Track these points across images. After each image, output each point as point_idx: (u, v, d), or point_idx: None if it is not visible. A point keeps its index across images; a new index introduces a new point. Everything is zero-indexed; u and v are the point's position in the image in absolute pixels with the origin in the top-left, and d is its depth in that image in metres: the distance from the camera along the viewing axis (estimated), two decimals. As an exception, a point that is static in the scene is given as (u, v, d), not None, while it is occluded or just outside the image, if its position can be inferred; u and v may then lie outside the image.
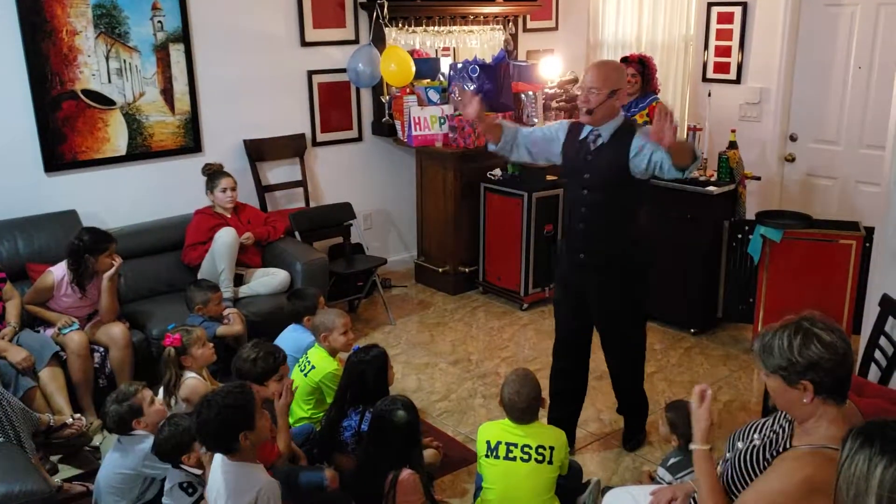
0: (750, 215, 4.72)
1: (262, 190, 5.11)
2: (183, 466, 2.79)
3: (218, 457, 2.56)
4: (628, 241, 3.26)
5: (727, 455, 2.20)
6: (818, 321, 1.93)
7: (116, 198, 4.54)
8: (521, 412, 2.91)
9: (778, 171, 5.51)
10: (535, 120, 5.57)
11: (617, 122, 3.16)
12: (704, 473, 2.11)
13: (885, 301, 3.30)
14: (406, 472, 2.80)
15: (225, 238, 4.26)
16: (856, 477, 1.58)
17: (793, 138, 5.46)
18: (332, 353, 3.52)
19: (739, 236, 4.59)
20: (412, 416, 2.91)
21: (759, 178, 5.04)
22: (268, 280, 4.42)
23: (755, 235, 4.38)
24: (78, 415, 3.47)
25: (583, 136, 3.21)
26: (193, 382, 3.30)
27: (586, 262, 3.27)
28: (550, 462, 2.88)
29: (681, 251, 4.65)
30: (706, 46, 5.80)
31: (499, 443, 2.90)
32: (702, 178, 4.62)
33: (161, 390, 3.28)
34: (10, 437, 2.87)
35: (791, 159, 5.47)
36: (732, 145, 4.69)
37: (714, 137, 5.14)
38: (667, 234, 4.64)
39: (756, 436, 2.14)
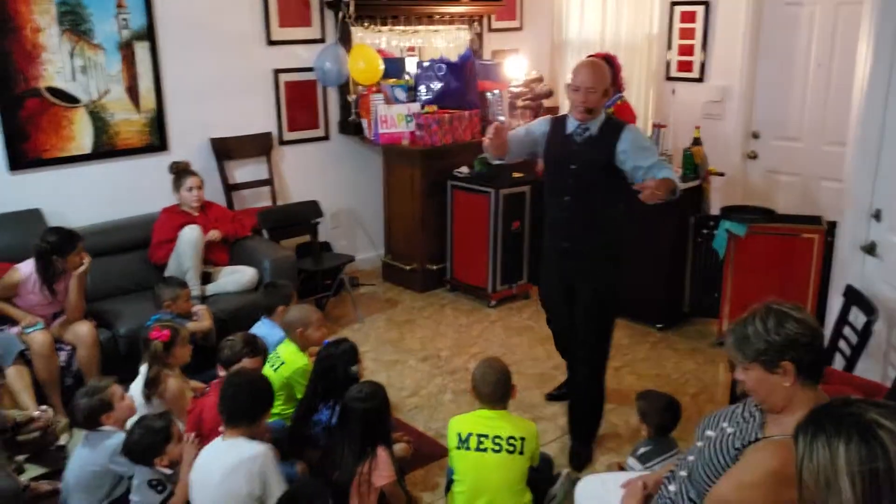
0: (714, 211, 4.80)
1: (229, 188, 5.08)
2: (155, 468, 2.76)
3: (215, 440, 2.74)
4: (611, 231, 3.34)
5: (698, 444, 2.22)
6: (784, 303, 1.97)
7: (82, 196, 4.47)
8: (492, 390, 2.94)
9: (741, 167, 5.61)
10: (501, 118, 5.61)
11: (602, 117, 3.26)
12: None
13: (849, 291, 3.38)
14: (380, 449, 2.81)
15: (189, 236, 4.23)
16: (821, 466, 1.54)
17: (755, 135, 5.56)
18: (304, 348, 3.52)
19: (704, 231, 4.67)
20: (380, 400, 2.93)
21: (723, 175, 5.13)
22: (236, 277, 4.40)
23: (720, 230, 4.45)
24: (44, 406, 3.42)
25: (569, 130, 3.28)
26: (170, 380, 3.26)
27: (570, 250, 3.34)
28: (522, 452, 2.90)
29: (647, 246, 4.70)
30: (669, 45, 5.89)
31: (470, 434, 2.91)
32: (667, 175, 4.68)
33: (133, 384, 3.24)
34: (-25, 437, 2.83)
35: (754, 156, 5.58)
36: (696, 142, 4.77)
37: (678, 134, 5.22)
38: (633, 229, 4.69)
39: (725, 424, 2.15)
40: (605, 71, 3.23)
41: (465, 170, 5.32)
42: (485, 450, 2.88)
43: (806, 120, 5.29)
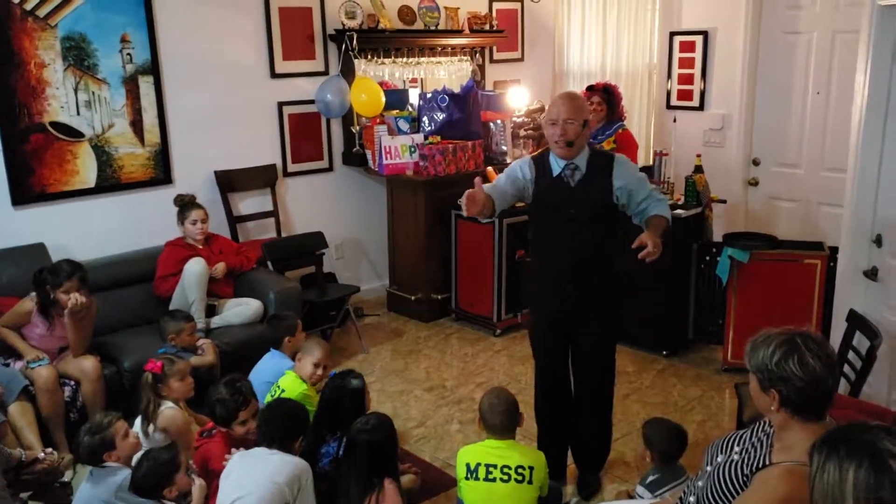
0: (717, 238, 4.81)
1: (234, 220, 5.10)
2: (164, 501, 2.75)
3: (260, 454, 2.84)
4: (611, 266, 3.27)
5: (707, 468, 2.22)
6: (812, 341, 1.95)
7: (86, 230, 4.49)
8: (501, 420, 2.93)
9: (742, 194, 5.64)
10: (504, 147, 5.64)
11: (587, 151, 3.16)
12: None
13: (852, 316, 3.39)
14: (387, 482, 2.79)
15: (194, 268, 4.24)
16: (830, 486, 1.59)
17: (756, 162, 5.60)
18: (303, 377, 3.52)
19: (707, 258, 4.67)
20: (386, 431, 2.92)
21: (724, 202, 5.15)
22: (241, 310, 4.39)
23: (723, 257, 4.46)
24: (49, 449, 3.40)
25: (556, 172, 3.14)
26: (172, 413, 3.26)
27: (575, 295, 3.20)
28: (530, 482, 2.88)
29: (650, 274, 4.69)
30: (669, 75, 5.95)
31: (478, 465, 2.90)
32: (669, 202, 4.69)
33: (138, 419, 3.24)
34: (-20, 473, 2.81)
35: (755, 183, 5.61)
36: (698, 169, 4.79)
37: (680, 162, 5.25)
38: (635, 256, 4.70)
39: (736, 448, 2.15)
40: (582, 102, 3.13)
41: (467, 199, 5.35)
42: (493, 480, 2.87)
43: (805, 147, 5.33)
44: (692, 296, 4.79)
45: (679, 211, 4.60)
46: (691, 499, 2.22)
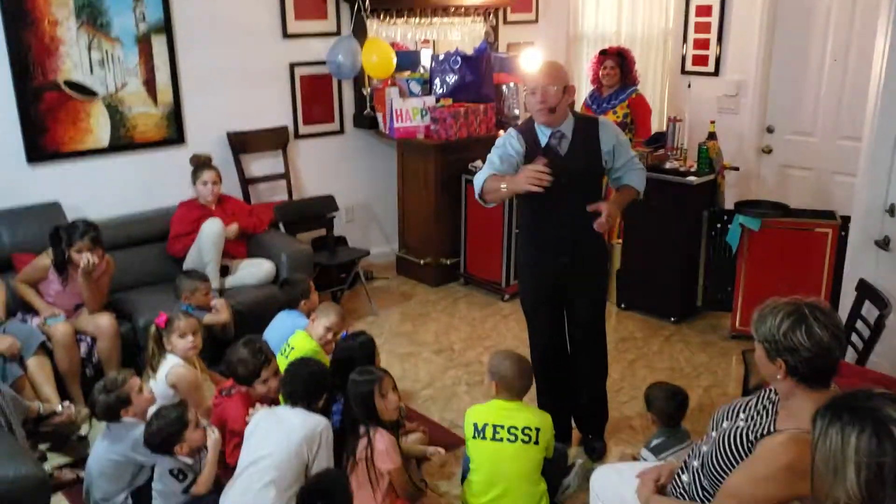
0: (728, 205, 4.81)
1: (246, 182, 5.12)
2: (177, 457, 2.82)
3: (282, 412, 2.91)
4: (601, 237, 3.28)
5: (712, 434, 2.25)
6: (820, 312, 1.96)
7: (100, 190, 4.52)
8: (525, 384, 3.00)
9: (756, 162, 5.61)
10: (516, 111, 5.62)
11: (571, 118, 3.13)
12: None
13: (862, 285, 3.39)
14: (380, 432, 2.84)
15: (211, 229, 4.27)
16: (832, 451, 1.61)
17: (770, 130, 5.56)
18: (314, 338, 3.56)
19: (718, 226, 4.67)
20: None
21: (737, 169, 5.13)
22: (254, 271, 4.43)
23: (734, 225, 4.46)
24: (67, 402, 3.47)
25: (544, 142, 3.11)
26: (181, 370, 3.32)
27: (571, 264, 3.20)
28: (537, 443, 2.93)
29: (661, 241, 4.72)
30: (685, 39, 5.89)
31: (486, 425, 2.95)
32: (682, 169, 4.69)
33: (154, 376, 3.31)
34: (1, 424, 2.87)
35: (768, 151, 5.58)
36: (712, 136, 4.77)
37: (694, 129, 5.22)
38: (646, 222, 4.71)
39: (742, 415, 2.18)
40: (560, 69, 3.10)
41: (479, 164, 5.34)
42: (501, 440, 2.92)
43: (820, 115, 5.29)
44: (702, 263, 4.80)
45: (691, 178, 4.59)
46: (695, 463, 2.25)
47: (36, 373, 3.53)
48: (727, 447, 2.11)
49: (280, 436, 2.79)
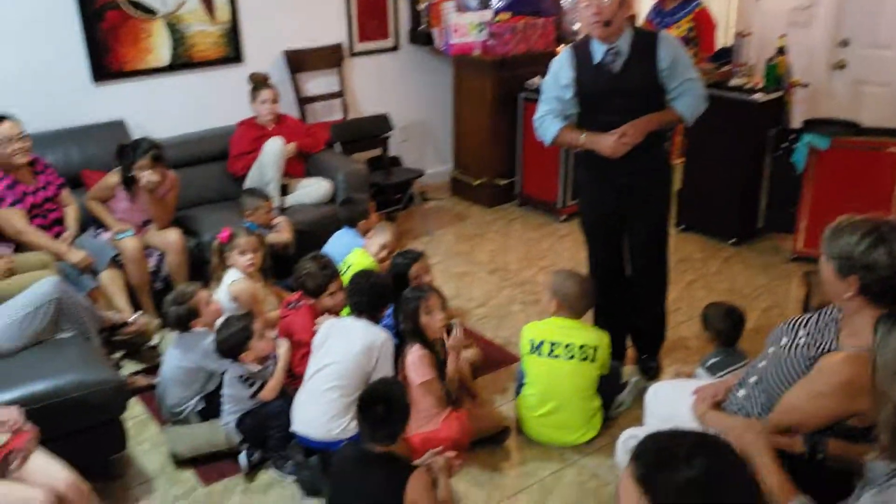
0: (796, 124, 4.65)
1: (302, 101, 5.13)
2: (245, 364, 2.94)
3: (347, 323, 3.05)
4: (666, 153, 3.22)
5: (770, 350, 2.25)
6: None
7: (162, 108, 4.59)
8: (587, 305, 3.05)
9: (827, 78, 5.37)
10: (576, 26, 5.47)
11: (629, 32, 2.99)
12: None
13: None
14: (415, 347, 2.92)
15: (272, 148, 4.32)
16: (892, 355, 1.65)
17: (844, 44, 5.30)
18: (370, 255, 3.64)
19: (784, 145, 4.54)
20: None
21: (806, 86, 4.92)
22: (312, 190, 4.49)
23: (801, 144, 4.32)
24: (139, 313, 3.63)
25: (598, 59, 3.00)
26: (239, 285, 3.42)
27: (630, 184, 3.14)
28: (593, 361, 2.97)
29: (723, 161, 4.62)
30: (755, -52, 5.59)
31: (542, 342, 2.99)
32: (747, 87, 4.54)
33: (218, 289, 3.43)
34: (79, 332, 3.03)
35: (841, 66, 5.33)
36: (781, 52, 4.58)
37: (762, 44, 5.02)
38: (709, 142, 4.60)
39: (802, 332, 2.17)
40: None
41: (537, 81, 5.24)
42: (557, 357, 2.97)
43: (900, 26, 5.00)
44: (765, 184, 4.69)
45: (757, 96, 4.45)
46: (752, 379, 2.26)
47: (108, 285, 3.69)
48: (786, 363, 2.12)
49: (344, 345, 2.91)
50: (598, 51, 3.01)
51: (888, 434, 1.67)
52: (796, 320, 2.23)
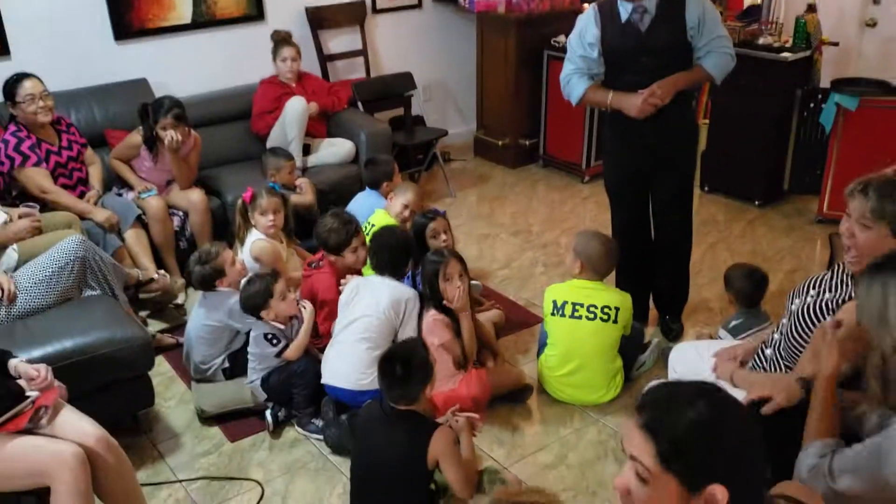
0: (824, 83, 4.56)
1: (324, 59, 5.10)
2: (270, 322, 2.98)
3: (373, 280, 3.07)
4: (692, 112, 3.18)
5: (792, 307, 2.26)
6: None
7: (184, 66, 4.57)
8: (610, 266, 3.05)
9: (857, 36, 5.24)
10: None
11: None
12: (820, 400, 1.89)
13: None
14: (431, 311, 2.94)
15: (295, 107, 4.30)
16: (875, 303, 1.69)
17: (876, 1, 5.17)
18: (392, 215, 3.64)
19: (812, 105, 4.46)
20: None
21: (836, 44, 4.82)
22: (334, 150, 4.49)
23: (829, 103, 4.25)
24: (162, 271, 3.67)
25: (624, 17, 2.96)
26: (261, 244, 3.43)
27: (656, 144, 3.11)
28: (615, 321, 2.97)
29: (749, 120, 4.55)
30: None
31: (565, 302, 3.00)
32: (776, 45, 4.45)
33: (242, 249, 3.46)
34: (105, 290, 3.07)
35: (872, 24, 5.20)
36: (811, 8, 4.48)
37: (791, 1, 4.90)
38: (735, 102, 4.53)
39: (812, 291, 2.19)
40: None
41: (562, 39, 5.16)
42: (579, 317, 2.97)
43: (937, -17, 4.87)
44: (791, 145, 4.62)
45: (785, 54, 4.36)
46: (776, 335, 2.28)
47: (133, 244, 3.73)
48: (807, 319, 2.12)
49: (372, 300, 2.95)
50: (625, 8, 2.96)
51: (877, 381, 1.71)
52: (807, 280, 2.25)
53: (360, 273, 3.28)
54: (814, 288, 2.20)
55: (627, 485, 1.27)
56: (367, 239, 3.34)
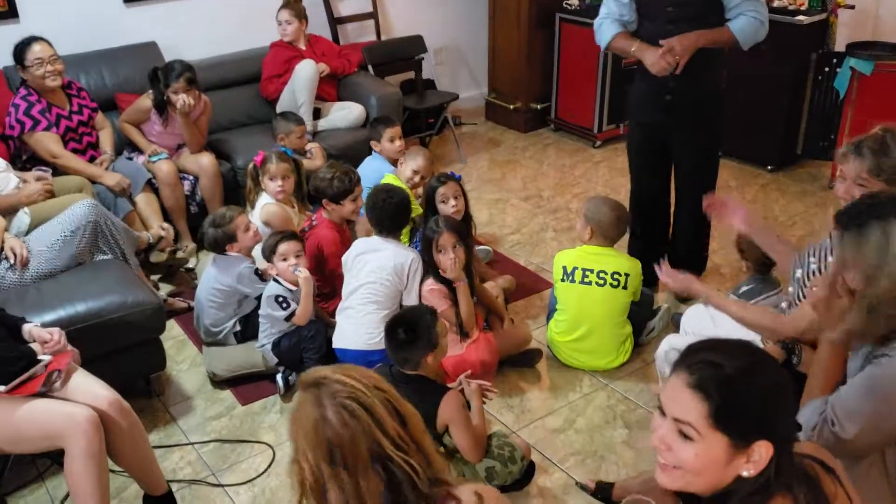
0: (839, 47, 4.49)
1: (334, 22, 5.05)
2: (279, 281, 2.99)
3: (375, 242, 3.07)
4: (717, 76, 3.12)
5: (797, 274, 2.25)
6: None
7: (193, 30, 4.54)
8: (620, 232, 3.04)
9: (875, -1, 5.15)
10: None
11: None
12: (823, 363, 1.86)
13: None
14: (430, 280, 2.95)
15: (305, 70, 4.27)
16: (876, 246, 1.63)
17: (895, -38, 5.05)
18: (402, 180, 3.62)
19: (826, 69, 4.39)
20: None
21: (852, 7, 4.73)
22: (345, 114, 4.46)
23: (844, 68, 4.19)
24: (166, 224, 3.65)
25: None
26: (271, 207, 3.44)
27: (674, 103, 3.09)
28: (625, 287, 2.97)
29: (762, 84, 4.49)
30: None
31: (575, 268, 3.00)
32: (791, 7, 4.37)
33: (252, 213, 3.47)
34: (116, 254, 3.09)
35: (891, -15, 5.10)
36: (828, -30, 4.40)
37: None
38: (748, 66, 4.46)
39: (813, 258, 2.19)
40: None
41: (575, 1, 5.09)
42: (589, 283, 2.97)
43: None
44: (805, 109, 4.57)
45: (801, 17, 4.29)
46: (783, 305, 2.29)
47: (144, 208, 3.73)
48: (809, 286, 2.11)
49: (376, 264, 2.97)
50: None
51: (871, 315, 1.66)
52: (815, 246, 2.24)
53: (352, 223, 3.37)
54: (814, 255, 2.18)
55: (668, 442, 1.27)
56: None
